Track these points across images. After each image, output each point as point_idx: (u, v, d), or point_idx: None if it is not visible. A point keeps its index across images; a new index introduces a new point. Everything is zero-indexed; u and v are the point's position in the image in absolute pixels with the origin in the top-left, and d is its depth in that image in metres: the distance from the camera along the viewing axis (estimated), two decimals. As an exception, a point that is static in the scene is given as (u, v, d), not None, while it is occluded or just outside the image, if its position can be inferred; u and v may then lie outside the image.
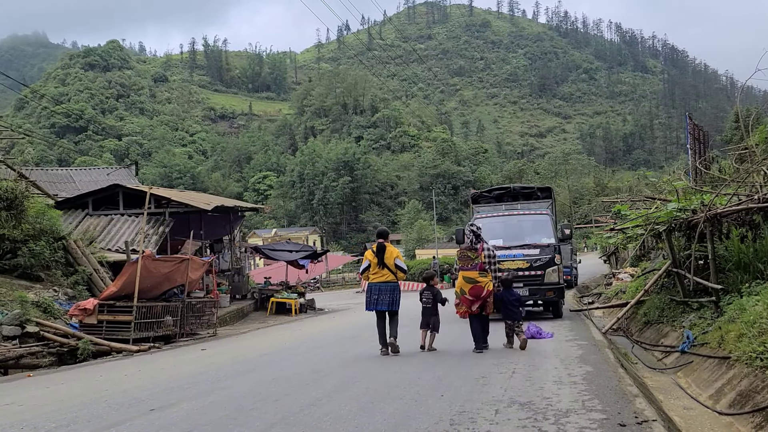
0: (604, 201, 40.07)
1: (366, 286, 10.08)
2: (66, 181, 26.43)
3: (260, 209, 33.31)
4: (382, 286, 8.89)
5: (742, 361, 6.00)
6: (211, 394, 6.59)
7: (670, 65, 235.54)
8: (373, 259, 8.94)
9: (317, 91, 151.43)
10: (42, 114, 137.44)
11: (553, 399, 5.44)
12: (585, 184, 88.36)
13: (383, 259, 8.88)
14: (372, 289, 9.00)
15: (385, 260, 8.87)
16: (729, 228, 9.45)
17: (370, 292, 9.04)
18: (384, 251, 8.90)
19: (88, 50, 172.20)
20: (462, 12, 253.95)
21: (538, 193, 15.79)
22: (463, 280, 8.87)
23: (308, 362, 8.88)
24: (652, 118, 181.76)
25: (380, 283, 8.91)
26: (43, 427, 5.42)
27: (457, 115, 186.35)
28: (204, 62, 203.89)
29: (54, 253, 14.57)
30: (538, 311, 15.22)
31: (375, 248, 8.98)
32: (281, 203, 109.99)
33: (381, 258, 8.89)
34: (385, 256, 8.88)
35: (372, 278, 8.99)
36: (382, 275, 8.91)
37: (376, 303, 8.89)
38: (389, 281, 8.90)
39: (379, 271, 8.91)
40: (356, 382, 6.87)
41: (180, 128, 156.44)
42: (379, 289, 8.89)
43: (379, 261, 8.90)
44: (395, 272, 8.89)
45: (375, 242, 9.11)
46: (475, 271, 8.81)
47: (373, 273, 8.96)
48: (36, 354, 10.72)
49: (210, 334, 14.67)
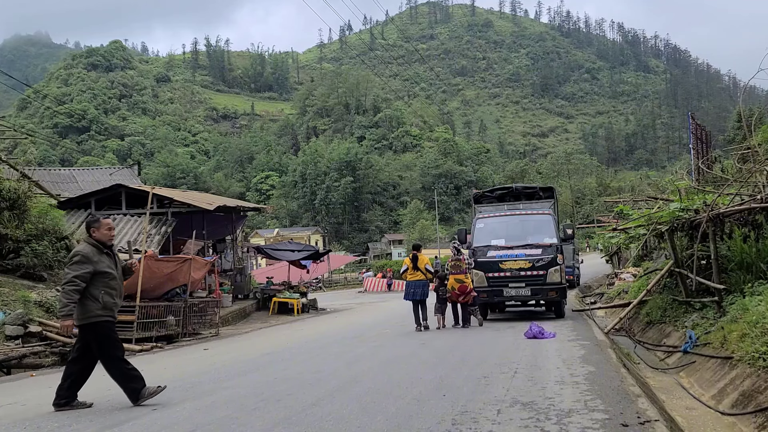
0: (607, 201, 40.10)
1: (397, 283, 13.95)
2: (69, 181, 26.47)
3: (262, 209, 33.31)
4: (417, 283, 12.42)
5: (744, 361, 5.99)
6: (214, 393, 6.60)
7: (672, 65, 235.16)
8: (410, 264, 12.55)
9: (319, 91, 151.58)
10: (45, 114, 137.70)
11: (555, 399, 5.44)
12: (587, 183, 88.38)
13: (417, 264, 12.45)
14: (409, 285, 12.51)
15: (418, 265, 12.45)
16: (732, 228, 9.43)
17: (408, 287, 12.55)
18: (417, 259, 12.51)
19: (91, 50, 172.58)
20: (464, 12, 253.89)
21: (541, 192, 15.77)
22: (454, 280, 12.27)
23: (310, 362, 8.89)
24: (655, 118, 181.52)
25: (415, 281, 12.45)
26: (46, 426, 5.43)
27: (459, 115, 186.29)
28: (206, 62, 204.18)
29: (57, 252, 14.59)
30: (541, 311, 15.22)
31: (411, 256, 12.65)
32: (283, 203, 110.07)
33: (415, 263, 12.47)
34: (418, 263, 12.48)
35: (409, 278, 12.58)
36: (416, 276, 12.47)
37: (413, 294, 12.37)
38: (421, 279, 12.44)
39: (414, 273, 12.48)
40: (358, 381, 6.87)
41: (182, 128, 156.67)
42: (414, 285, 12.41)
43: (414, 266, 12.47)
44: (425, 273, 12.45)
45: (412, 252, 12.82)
46: (462, 275, 12.27)
47: (410, 274, 12.54)
48: (39, 354, 10.73)
49: (212, 334, 14.68)
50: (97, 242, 6.16)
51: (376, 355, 9.23)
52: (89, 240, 6.18)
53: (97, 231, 6.19)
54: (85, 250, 6.05)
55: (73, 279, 5.86)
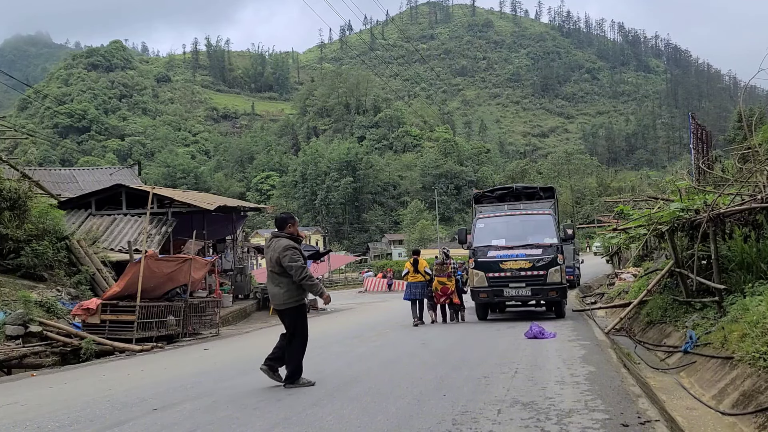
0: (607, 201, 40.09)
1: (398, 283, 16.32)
2: (69, 181, 26.47)
3: (263, 209, 33.31)
4: (417, 284, 14.05)
5: (745, 362, 5.98)
6: (214, 393, 6.59)
7: (673, 65, 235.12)
8: (411, 268, 14.15)
9: (320, 91, 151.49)
10: (45, 114, 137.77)
11: (555, 399, 5.44)
12: (587, 184, 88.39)
13: (417, 268, 14.08)
14: (410, 286, 14.17)
15: (418, 268, 14.09)
16: (732, 228, 9.42)
17: (408, 288, 14.21)
18: (418, 263, 14.18)
19: (91, 50, 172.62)
20: (464, 12, 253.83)
21: (541, 193, 15.75)
22: (438, 282, 14.05)
23: (310, 362, 8.85)
24: (655, 118, 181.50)
25: (415, 282, 14.06)
26: (47, 426, 5.43)
27: (459, 115, 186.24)
28: (207, 62, 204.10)
29: (57, 252, 14.59)
30: (541, 311, 15.22)
31: (412, 261, 14.30)
32: (284, 203, 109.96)
33: (416, 267, 14.10)
34: (418, 266, 14.13)
35: (410, 279, 14.16)
36: (416, 277, 14.05)
37: (413, 294, 14.03)
38: (421, 281, 14.04)
39: (415, 275, 14.05)
40: (358, 381, 6.87)
41: (183, 128, 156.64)
42: (414, 286, 14.06)
43: (414, 269, 14.07)
44: (424, 276, 14.04)
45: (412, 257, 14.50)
46: (445, 277, 14.03)
47: (411, 276, 14.12)
48: (39, 353, 10.74)
49: (213, 334, 14.69)
50: (292, 236, 6.90)
51: (377, 355, 9.23)
52: (286, 234, 6.88)
53: (293, 226, 7.02)
54: (293, 243, 6.84)
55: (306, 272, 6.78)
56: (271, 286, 6.91)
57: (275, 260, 6.74)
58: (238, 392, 6.57)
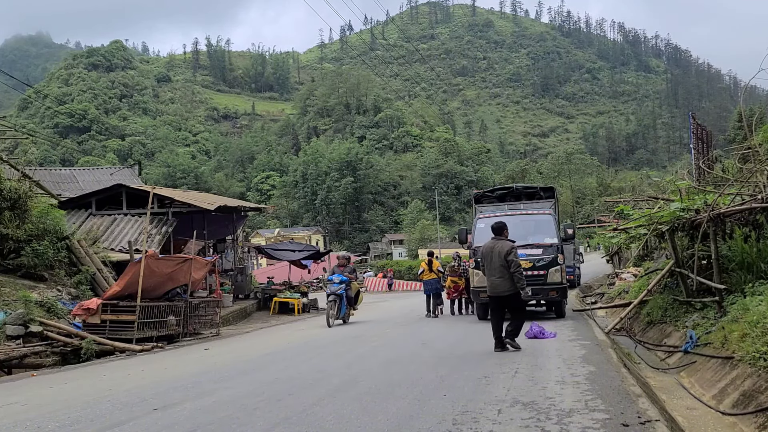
0: (607, 201, 40.03)
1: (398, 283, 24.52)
2: (69, 181, 26.47)
3: (263, 209, 33.34)
4: (431, 281, 16.84)
5: (745, 361, 5.98)
6: (215, 393, 6.60)
7: (673, 65, 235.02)
8: (426, 268, 16.99)
9: (320, 91, 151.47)
10: (45, 114, 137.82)
11: (555, 399, 5.44)
12: (588, 183, 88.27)
13: (431, 267, 16.89)
14: (426, 283, 16.94)
15: (432, 268, 16.91)
16: (732, 228, 9.42)
17: (425, 285, 16.96)
18: (431, 263, 17.00)
19: (92, 50, 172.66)
20: (465, 12, 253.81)
21: (541, 192, 15.75)
22: (450, 281, 16.79)
23: (311, 362, 8.89)
24: (655, 118, 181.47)
25: (430, 279, 16.86)
26: (47, 426, 5.43)
27: (459, 115, 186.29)
28: (207, 62, 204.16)
29: (57, 252, 14.58)
30: (541, 311, 15.21)
31: (427, 261, 17.13)
32: (284, 203, 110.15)
33: (430, 267, 16.94)
34: (432, 266, 16.96)
35: (425, 278, 16.97)
36: (430, 276, 16.90)
37: (429, 290, 16.70)
38: (434, 278, 16.87)
39: (430, 274, 16.89)
40: (359, 381, 6.87)
41: (183, 128, 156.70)
42: (430, 283, 16.80)
43: (429, 268, 16.91)
44: (437, 274, 16.91)
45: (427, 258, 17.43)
46: (457, 277, 16.66)
47: (426, 275, 16.92)
48: (40, 353, 10.73)
49: (213, 334, 14.68)
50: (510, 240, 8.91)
51: (377, 355, 9.23)
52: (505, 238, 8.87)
53: (506, 231, 9.00)
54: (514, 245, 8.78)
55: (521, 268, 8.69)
56: (494, 278, 8.66)
57: (503, 257, 8.53)
58: (239, 392, 6.58)
